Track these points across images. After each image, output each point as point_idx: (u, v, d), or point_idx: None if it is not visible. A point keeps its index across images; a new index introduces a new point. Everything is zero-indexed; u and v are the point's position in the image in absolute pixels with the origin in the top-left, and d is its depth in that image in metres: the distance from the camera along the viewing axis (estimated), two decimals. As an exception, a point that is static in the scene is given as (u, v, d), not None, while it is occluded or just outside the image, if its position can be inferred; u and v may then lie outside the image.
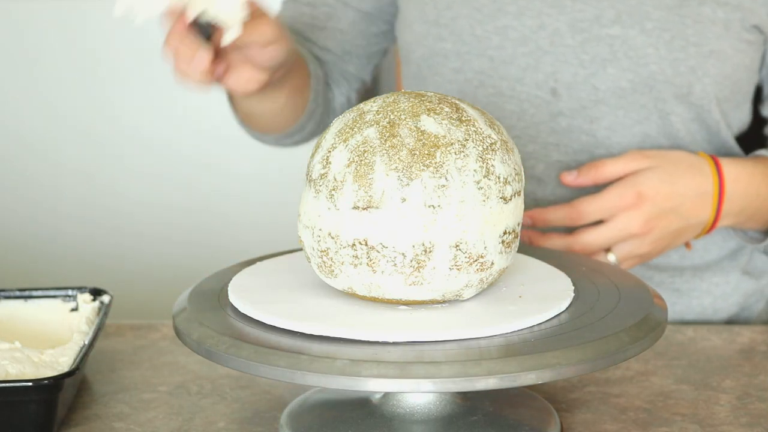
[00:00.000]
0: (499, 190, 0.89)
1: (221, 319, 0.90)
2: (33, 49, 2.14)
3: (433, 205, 0.86)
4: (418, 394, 0.92)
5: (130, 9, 1.00)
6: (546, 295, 0.93)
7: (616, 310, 0.91)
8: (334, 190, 0.88)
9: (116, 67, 2.16)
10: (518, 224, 0.92)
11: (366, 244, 0.87)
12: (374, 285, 0.88)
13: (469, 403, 0.94)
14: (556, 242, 1.20)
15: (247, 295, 0.93)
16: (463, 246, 0.88)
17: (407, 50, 1.35)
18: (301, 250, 1.04)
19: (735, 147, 1.33)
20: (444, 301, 0.91)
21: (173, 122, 2.18)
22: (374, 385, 0.82)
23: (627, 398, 1.02)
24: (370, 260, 0.88)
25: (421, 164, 0.87)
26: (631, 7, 1.25)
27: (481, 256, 0.89)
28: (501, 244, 0.90)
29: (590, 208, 1.18)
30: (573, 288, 0.95)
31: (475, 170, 0.87)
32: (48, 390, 0.92)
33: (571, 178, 1.22)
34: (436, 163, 0.87)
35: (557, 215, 1.20)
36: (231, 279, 0.97)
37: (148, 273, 2.17)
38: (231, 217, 2.19)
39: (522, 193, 0.92)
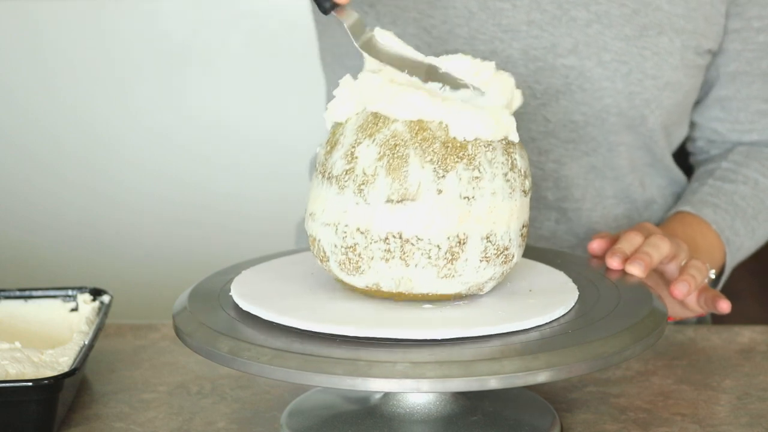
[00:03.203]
0: (522, 183, 0.90)
1: (221, 319, 0.90)
2: (39, 46, 2.15)
3: (468, 197, 0.87)
4: (419, 394, 0.92)
5: None
6: (553, 289, 0.94)
7: (616, 310, 0.91)
8: (363, 184, 0.88)
9: (117, 66, 2.16)
10: (528, 218, 0.93)
11: (400, 237, 0.87)
12: (405, 279, 0.89)
13: (469, 403, 0.94)
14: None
15: (261, 301, 0.91)
16: (492, 238, 0.89)
17: (340, 60, 1.29)
18: (305, 250, 1.04)
19: (672, 165, 1.32)
20: (465, 297, 0.91)
21: (175, 126, 2.18)
22: (439, 386, 0.82)
23: (627, 398, 1.02)
24: (404, 253, 0.88)
25: (455, 156, 0.87)
26: (589, 37, 1.21)
27: (506, 249, 0.90)
28: (520, 237, 0.92)
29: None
30: (572, 279, 0.96)
31: (503, 163, 0.89)
32: (48, 390, 0.92)
33: (682, 292, 1.05)
34: (469, 155, 0.87)
35: (665, 248, 1.06)
36: (231, 279, 0.97)
37: (148, 273, 2.17)
38: (231, 217, 2.19)
39: (532, 189, 0.94)
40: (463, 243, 0.88)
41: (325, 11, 0.96)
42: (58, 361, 0.97)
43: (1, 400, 0.91)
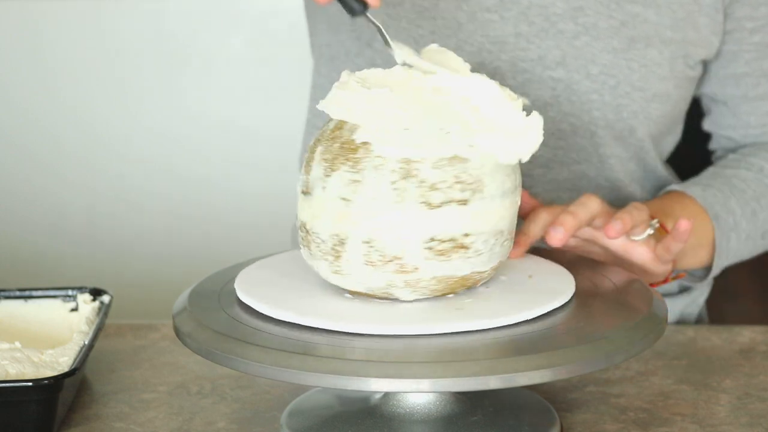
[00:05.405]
0: (422, 195, 0.87)
1: (221, 319, 0.90)
2: (39, 46, 2.15)
3: (345, 198, 0.88)
4: (419, 394, 0.92)
5: None
6: (553, 287, 0.94)
7: (616, 310, 0.91)
8: (302, 173, 0.93)
9: (117, 66, 2.16)
10: (466, 234, 0.88)
11: (304, 227, 0.92)
12: (313, 267, 0.93)
13: (469, 403, 0.94)
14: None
15: (250, 287, 0.94)
16: (375, 243, 0.88)
17: (329, 62, 1.29)
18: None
19: (664, 173, 1.31)
20: (384, 298, 0.91)
21: (175, 126, 2.18)
22: (439, 386, 0.82)
23: (627, 398, 1.02)
24: (307, 242, 0.92)
25: (343, 158, 0.89)
26: (577, 49, 1.20)
27: (398, 258, 0.88)
28: (428, 251, 0.88)
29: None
30: (574, 281, 0.95)
31: (392, 170, 0.87)
32: (48, 390, 0.92)
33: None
34: (355, 158, 0.88)
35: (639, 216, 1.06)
36: (231, 279, 0.97)
37: (148, 273, 2.17)
38: (232, 217, 2.19)
39: (472, 203, 0.88)
40: (343, 242, 0.89)
41: (354, 14, 0.95)
42: (58, 361, 0.97)
43: (1, 400, 0.91)
